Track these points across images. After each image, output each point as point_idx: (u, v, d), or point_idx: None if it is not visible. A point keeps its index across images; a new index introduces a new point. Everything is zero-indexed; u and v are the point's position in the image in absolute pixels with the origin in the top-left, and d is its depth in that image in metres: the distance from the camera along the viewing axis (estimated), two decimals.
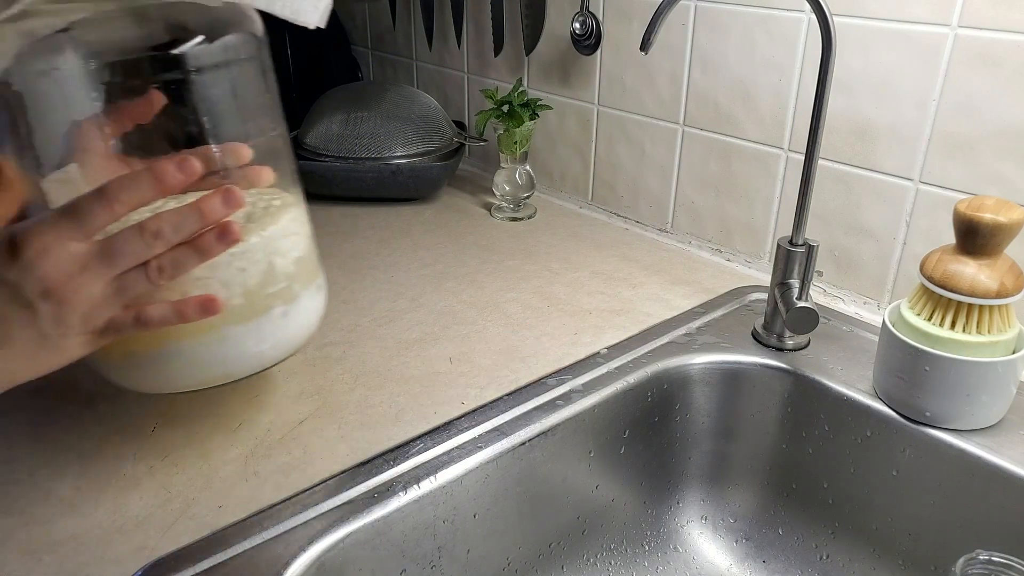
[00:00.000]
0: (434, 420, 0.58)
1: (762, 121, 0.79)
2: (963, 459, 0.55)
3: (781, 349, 0.66)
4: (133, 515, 0.49)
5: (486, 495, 0.56)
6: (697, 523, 0.70)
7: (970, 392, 0.54)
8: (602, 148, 0.97)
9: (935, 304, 0.55)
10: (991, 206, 0.52)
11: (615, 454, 0.64)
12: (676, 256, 0.87)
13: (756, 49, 0.77)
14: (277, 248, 0.50)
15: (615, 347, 0.67)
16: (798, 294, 0.63)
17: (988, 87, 0.63)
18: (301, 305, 0.53)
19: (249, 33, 0.51)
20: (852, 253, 0.75)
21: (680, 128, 0.87)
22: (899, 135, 0.69)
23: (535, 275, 0.81)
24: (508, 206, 0.97)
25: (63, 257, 0.41)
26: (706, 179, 0.86)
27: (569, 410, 0.59)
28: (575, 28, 0.92)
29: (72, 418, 0.57)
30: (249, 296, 0.49)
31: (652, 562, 0.68)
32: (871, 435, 0.60)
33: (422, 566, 0.54)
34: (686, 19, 0.82)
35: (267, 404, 0.59)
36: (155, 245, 0.42)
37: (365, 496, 0.50)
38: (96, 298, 0.42)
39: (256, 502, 0.50)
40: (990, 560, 0.43)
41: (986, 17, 0.61)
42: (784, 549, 0.67)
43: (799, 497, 0.66)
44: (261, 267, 0.49)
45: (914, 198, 0.69)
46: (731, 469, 0.69)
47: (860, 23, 0.69)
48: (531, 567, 0.61)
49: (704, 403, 0.67)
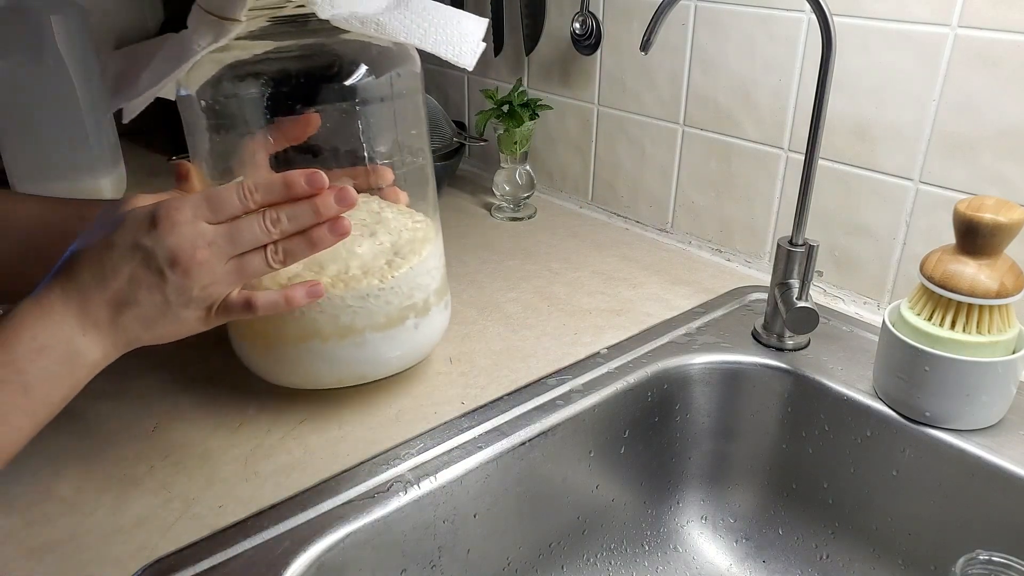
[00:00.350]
0: (434, 420, 0.58)
1: (762, 121, 0.79)
2: (963, 459, 0.55)
3: (781, 349, 0.67)
4: (133, 515, 0.49)
5: (486, 495, 0.56)
6: (697, 523, 0.70)
7: (970, 392, 0.54)
8: (602, 148, 0.97)
9: (935, 304, 0.55)
10: (991, 206, 0.52)
11: (615, 454, 0.64)
12: (676, 256, 0.87)
13: (756, 49, 0.77)
14: (419, 283, 0.57)
15: (615, 347, 0.67)
16: (798, 294, 0.63)
17: (988, 87, 0.63)
18: (431, 319, 0.59)
19: (410, 70, 0.57)
20: (852, 253, 0.75)
21: (680, 128, 0.87)
22: (899, 135, 0.69)
23: (535, 275, 0.81)
24: (508, 206, 0.97)
25: (194, 232, 0.46)
26: (706, 179, 0.86)
27: (569, 410, 0.59)
28: (575, 28, 0.92)
29: (73, 418, 0.57)
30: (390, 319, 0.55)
31: (652, 562, 0.68)
32: (871, 435, 0.60)
33: (422, 566, 0.54)
34: (686, 19, 0.82)
35: (267, 404, 0.59)
36: (273, 232, 0.48)
37: (365, 496, 0.50)
38: (217, 274, 0.47)
39: (256, 502, 0.50)
40: (990, 560, 0.43)
41: (986, 17, 0.61)
42: (784, 549, 0.67)
43: (799, 497, 0.66)
44: (402, 299, 0.56)
45: (914, 198, 0.69)
46: (731, 469, 0.69)
47: (860, 23, 0.69)
48: (531, 567, 0.61)
49: (704, 403, 0.67)
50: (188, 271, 0.46)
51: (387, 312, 0.55)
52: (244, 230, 0.48)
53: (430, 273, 0.58)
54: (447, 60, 0.51)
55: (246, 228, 0.48)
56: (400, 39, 0.50)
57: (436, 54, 0.51)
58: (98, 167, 0.96)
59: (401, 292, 0.55)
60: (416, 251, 0.57)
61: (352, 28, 0.50)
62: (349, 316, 0.54)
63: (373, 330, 0.55)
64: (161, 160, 1.15)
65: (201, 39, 0.50)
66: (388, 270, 0.55)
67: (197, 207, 0.47)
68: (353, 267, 0.55)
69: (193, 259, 0.46)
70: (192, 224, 0.46)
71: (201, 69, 0.54)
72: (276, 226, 0.48)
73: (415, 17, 0.51)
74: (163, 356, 0.59)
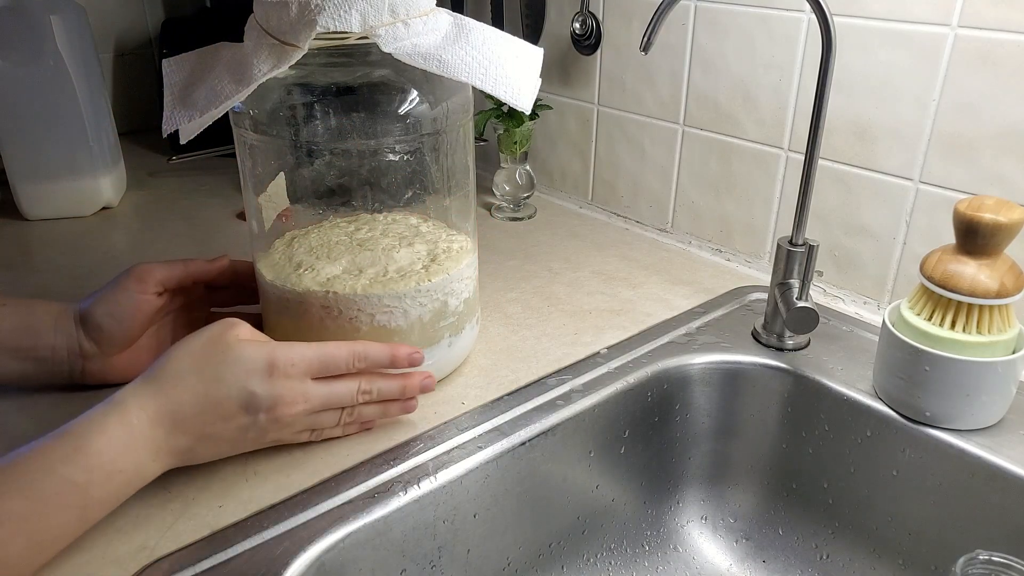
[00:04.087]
0: (434, 420, 0.58)
1: (762, 121, 0.79)
2: (963, 459, 0.55)
3: (781, 349, 0.67)
4: (133, 515, 0.49)
5: (486, 495, 0.56)
6: (697, 523, 0.70)
7: (970, 392, 0.54)
8: (602, 148, 0.97)
9: (935, 304, 0.55)
10: (991, 206, 0.52)
11: (615, 454, 0.64)
12: (676, 256, 0.87)
13: (756, 49, 0.77)
14: (452, 290, 0.59)
15: (615, 347, 0.67)
16: (798, 294, 0.63)
17: (988, 87, 0.63)
18: (463, 336, 0.62)
19: (463, 96, 0.59)
20: (852, 253, 0.75)
21: (680, 128, 0.87)
22: (899, 135, 0.69)
23: (535, 275, 0.81)
24: (508, 206, 0.97)
25: (302, 389, 0.50)
26: (706, 179, 0.86)
27: (569, 410, 0.59)
28: (575, 28, 0.92)
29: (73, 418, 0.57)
30: (424, 327, 0.58)
31: (652, 562, 0.68)
32: (871, 435, 0.60)
33: (422, 566, 0.54)
34: (686, 19, 0.82)
35: None
36: (361, 400, 0.53)
37: (365, 496, 0.50)
38: (298, 425, 0.51)
39: (256, 502, 0.50)
40: (990, 560, 0.43)
41: (986, 17, 0.61)
42: (784, 549, 0.67)
43: (799, 497, 0.66)
44: (437, 304, 0.58)
45: (914, 198, 0.69)
46: (731, 469, 0.69)
47: (860, 23, 0.69)
48: (531, 567, 0.61)
49: (704, 403, 0.67)
50: (279, 419, 0.49)
51: (421, 320, 0.58)
52: (340, 395, 0.52)
53: (464, 282, 0.61)
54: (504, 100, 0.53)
55: (344, 393, 0.52)
56: (461, 78, 0.51)
57: (494, 95, 0.52)
58: (98, 167, 0.96)
59: (435, 296, 0.58)
60: (455, 262, 0.60)
61: (414, 63, 0.51)
62: (385, 316, 0.57)
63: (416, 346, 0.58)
64: (161, 160, 1.15)
65: (263, 64, 0.50)
66: (425, 275, 0.58)
67: (311, 364, 0.50)
68: (391, 270, 0.58)
69: (289, 412, 0.49)
70: (302, 381, 0.50)
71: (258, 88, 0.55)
72: (365, 396, 0.53)
73: (475, 53, 0.52)
74: None
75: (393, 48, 0.51)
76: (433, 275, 0.58)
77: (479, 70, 0.52)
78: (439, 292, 0.58)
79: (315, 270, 0.58)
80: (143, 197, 1.04)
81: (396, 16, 0.50)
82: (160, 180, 1.10)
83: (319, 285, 0.56)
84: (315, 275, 0.57)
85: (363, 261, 0.59)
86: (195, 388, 0.47)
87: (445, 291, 0.59)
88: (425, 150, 0.59)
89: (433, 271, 0.58)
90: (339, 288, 0.56)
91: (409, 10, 0.51)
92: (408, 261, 0.59)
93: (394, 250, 0.60)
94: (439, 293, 0.58)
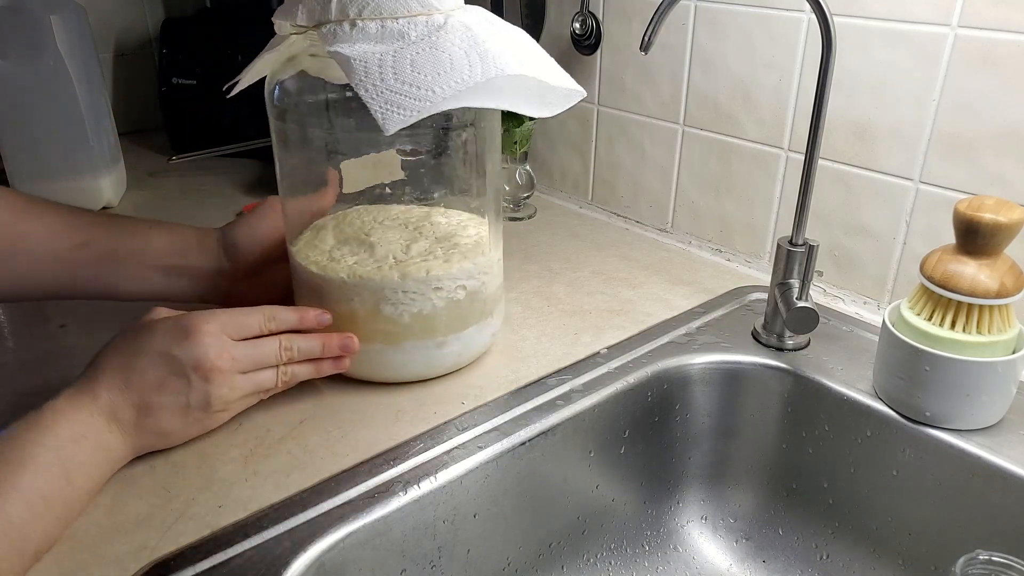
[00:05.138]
0: (434, 420, 0.58)
1: (762, 121, 0.79)
2: (963, 459, 0.55)
3: (781, 349, 0.67)
4: (133, 515, 0.49)
5: (486, 495, 0.56)
6: (697, 523, 0.70)
7: (970, 392, 0.54)
8: (602, 148, 0.97)
9: (935, 304, 0.55)
10: (991, 206, 0.52)
11: (615, 454, 0.64)
12: (676, 256, 0.87)
13: (756, 49, 0.77)
14: (479, 279, 0.61)
15: (615, 347, 0.67)
16: (798, 294, 0.63)
17: (988, 87, 0.63)
18: (491, 322, 0.64)
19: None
20: (852, 253, 0.75)
21: (680, 128, 0.87)
22: (899, 135, 0.69)
23: (535, 275, 0.81)
24: (508, 206, 0.97)
25: (219, 345, 0.52)
26: (706, 179, 0.86)
27: (569, 410, 0.59)
28: (575, 28, 0.92)
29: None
30: (451, 314, 0.60)
31: (652, 562, 0.68)
32: (871, 435, 0.60)
33: (422, 566, 0.54)
34: (686, 19, 0.82)
35: (267, 404, 0.59)
36: (285, 357, 0.56)
37: (365, 496, 0.50)
38: (234, 384, 0.53)
39: (256, 502, 0.50)
40: (990, 560, 0.43)
41: (986, 17, 0.61)
42: (784, 549, 0.67)
43: (799, 497, 0.66)
44: (462, 293, 0.60)
45: (914, 198, 0.69)
46: (731, 469, 0.69)
47: (860, 23, 0.69)
48: (531, 567, 0.61)
49: (704, 403, 0.67)
50: (210, 378, 0.51)
51: (447, 302, 0.59)
52: (265, 354, 0.55)
53: (488, 275, 0.62)
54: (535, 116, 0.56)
55: (268, 352, 0.55)
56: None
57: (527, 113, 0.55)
58: (98, 167, 0.96)
59: (461, 284, 0.60)
60: (481, 250, 0.62)
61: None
62: (412, 303, 0.59)
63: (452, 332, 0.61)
64: (161, 160, 1.15)
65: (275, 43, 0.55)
66: (451, 263, 0.60)
67: (224, 325, 0.53)
68: (417, 257, 0.60)
69: (215, 368, 0.52)
70: (218, 338, 0.52)
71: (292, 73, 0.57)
72: (288, 353, 0.56)
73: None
74: None
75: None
76: (458, 262, 0.60)
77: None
78: (465, 278, 0.60)
79: (343, 256, 0.60)
80: (143, 197, 1.04)
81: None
82: (160, 180, 1.10)
83: (347, 271, 0.59)
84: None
85: (392, 248, 0.61)
86: (120, 363, 0.51)
87: (470, 278, 0.60)
88: (456, 143, 0.62)
89: (456, 259, 0.60)
90: (368, 273, 0.58)
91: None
92: (434, 249, 0.61)
93: (420, 239, 0.62)
94: (465, 279, 0.60)
